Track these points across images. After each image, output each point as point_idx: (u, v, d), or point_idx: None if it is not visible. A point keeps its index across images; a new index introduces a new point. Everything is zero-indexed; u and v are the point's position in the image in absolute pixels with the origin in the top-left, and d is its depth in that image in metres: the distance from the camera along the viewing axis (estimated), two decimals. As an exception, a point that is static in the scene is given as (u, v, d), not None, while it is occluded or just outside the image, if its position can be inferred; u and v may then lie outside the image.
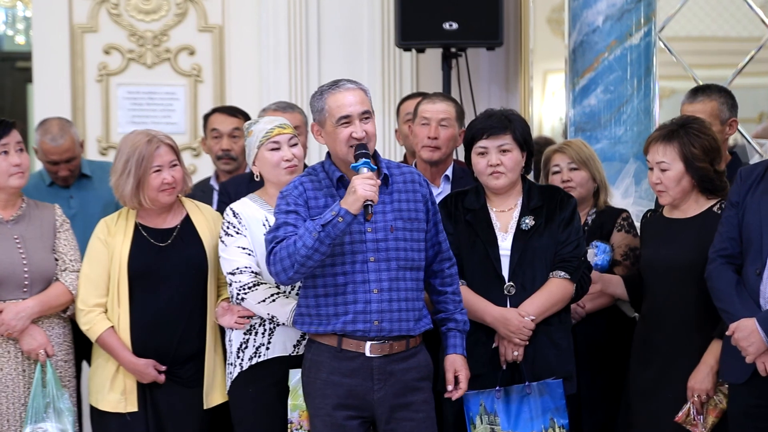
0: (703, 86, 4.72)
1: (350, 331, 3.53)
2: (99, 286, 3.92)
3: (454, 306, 3.70)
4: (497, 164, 3.85)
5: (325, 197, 3.55)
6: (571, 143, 4.41)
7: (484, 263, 3.87)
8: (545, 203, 3.90)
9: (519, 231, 3.87)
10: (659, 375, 3.87)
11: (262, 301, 3.76)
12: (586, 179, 4.30)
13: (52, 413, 3.94)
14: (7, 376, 3.97)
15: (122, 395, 3.90)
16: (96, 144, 6.28)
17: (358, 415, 3.57)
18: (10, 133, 4.01)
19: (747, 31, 6.42)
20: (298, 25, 6.25)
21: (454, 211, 3.95)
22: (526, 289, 3.84)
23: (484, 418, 3.82)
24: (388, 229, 3.54)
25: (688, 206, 3.92)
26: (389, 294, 3.53)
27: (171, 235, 3.96)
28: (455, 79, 5.90)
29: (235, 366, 3.86)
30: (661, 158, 3.87)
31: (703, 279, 3.74)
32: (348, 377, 3.55)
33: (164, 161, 3.89)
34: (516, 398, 3.81)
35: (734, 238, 3.68)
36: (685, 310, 3.84)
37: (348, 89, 3.53)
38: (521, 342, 3.80)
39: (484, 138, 3.88)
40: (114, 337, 3.89)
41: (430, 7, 5.62)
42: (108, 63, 6.30)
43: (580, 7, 5.16)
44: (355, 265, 3.52)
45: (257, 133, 3.89)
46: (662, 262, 3.88)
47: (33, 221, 4.07)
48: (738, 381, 3.65)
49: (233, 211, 3.86)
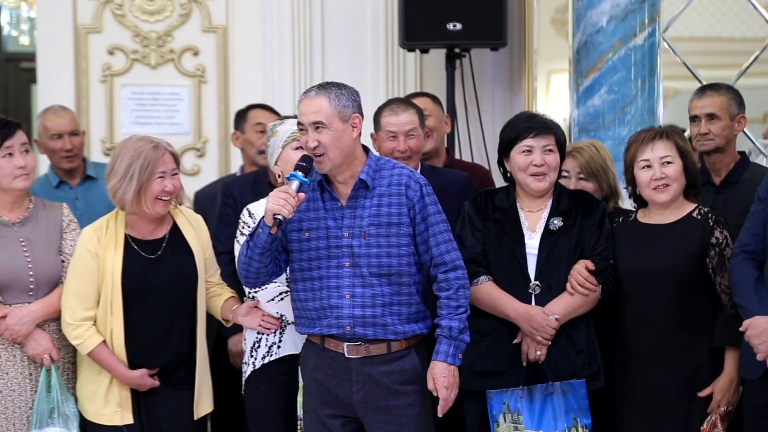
0: (711, 84, 4.73)
1: (327, 333, 3.56)
2: (87, 299, 3.87)
3: (447, 311, 3.58)
4: (542, 164, 3.86)
5: (306, 201, 3.56)
6: (583, 149, 4.32)
7: (510, 261, 3.88)
8: (574, 206, 3.91)
9: (547, 231, 3.88)
10: (644, 380, 3.86)
11: (271, 299, 3.81)
12: (594, 190, 4.23)
13: (58, 418, 3.91)
14: (13, 380, 3.95)
15: (118, 407, 3.87)
16: (100, 144, 6.28)
17: (342, 414, 3.58)
18: (15, 135, 3.97)
19: (751, 31, 6.41)
20: (301, 25, 6.25)
21: (484, 209, 3.96)
22: (552, 289, 3.84)
23: (508, 416, 3.83)
24: (362, 235, 3.53)
25: (672, 210, 3.93)
26: (362, 299, 3.52)
27: (161, 246, 3.92)
28: (459, 80, 5.90)
29: (248, 365, 3.90)
30: (665, 153, 3.89)
31: (684, 284, 3.77)
32: (329, 376, 3.58)
33: (167, 168, 3.86)
34: (539, 397, 3.82)
35: (759, 233, 3.70)
36: (667, 317, 3.83)
37: (308, 96, 3.54)
38: (544, 341, 3.80)
39: (530, 137, 3.88)
40: (107, 352, 3.85)
41: (433, 7, 5.62)
42: (112, 63, 6.30)
43: (584, 8, 5.15)
44: (330, 270, 3.54)
45: (282, 133, 3.89)
46: (643, 268, 3.87)
47: (39, 223, 4.04)
48: (752, 377, 3.67)
49: (249, 212, 3.90)
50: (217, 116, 6.31)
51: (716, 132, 4.52)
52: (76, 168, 5.18)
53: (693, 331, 3.82)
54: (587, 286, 3.81)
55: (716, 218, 3.88)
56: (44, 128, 5.12)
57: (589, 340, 3.88)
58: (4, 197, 4.00)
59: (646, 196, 3.94)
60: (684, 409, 3.83)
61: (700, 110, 4.57)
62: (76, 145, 5.14)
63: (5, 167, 3.95)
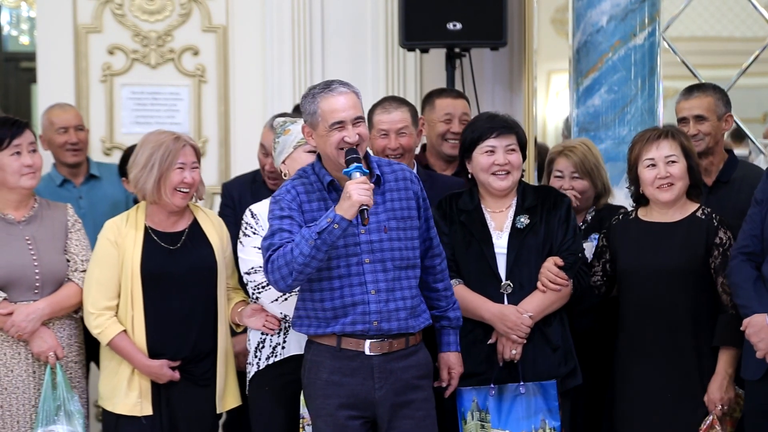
0: (696, 84, 4.75)
1: (349, 332, 3.53)
2: (109, 288, 3.92)
3: (446, 302, 3.72)
4: (505, 163, 3.86)
5: (318, 201, 3.55)
6: (576, 148, 4.37)
7: (479, 262, 3.89)
8: (540, 202, 3.93)
9: (515, 230, 3.89)
10: (644, 380, 3.87)
11: (275, 300, 3.80)
12: (587, 188, 4.29)
13: (63, 416, 3.94)
14: (17, 377, 3.97)
15: (138, 398, 3.90)
16: (100, 144, 6.28)
17: (360, 415, 3.58)
18: (24, 134, 4.01)
19: (751, 31, 6.42)
20: (301, 25, 6.25)
21: (449, 212, 3.98)
22: (523, 288, 3.86)
23: (476, 414, 3.85)
24: (381, 229, 3.55)
25: (675, 209, 3.93)
26: (387, 294, 3.53)
27: (180, 238, 3.97)
28: (459, 80, 5.90)
29: (252, 365, 3.90)
30: (669, 152, 3.91)
31: (688, 283, 3.77)
32: (349, 377, 3.55)
33: (188, 160, 3.93)
34: (509, 397, 3.84)
35: (756, 235, 3.70)
36: (673, 316, 3.84)
37: (341, 93, 3.52)
38: (519, 339, 3.82)
39: (492, 137, 3.88)
40: (127, 341, 3.89)
41: (433, 7, 5.62)
42: (112, 63, 6.30)
43: (584, 8, 5.15)
44: (350, 267, 3.52)
45: (296, 134, 3.86)
46: (647, 267, 3.87)
47: (45, 222, 4.07)
48: (753, 377, 3.67)
49: (252, 212, 3.89)
50: (217, 116, 6.30)
51: (705, 132, 4.54)
52: (81, 163, 5.19)
53: (695, 331, 3.82)
54: (558, 281, 3.83)
55: (720, 218, 3.89)
56: (50, 122, 5.15)
57: (564, 337, 3.90)
58: (9, 195, 4.02)
59: (649, 194, 3.95)
60: (684, 409, 3.83)
61: (688, 112, 4.59)
62: (82, 139, 5.18)
63: (12, 165, 3.97)
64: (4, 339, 3.97)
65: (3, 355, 3.98)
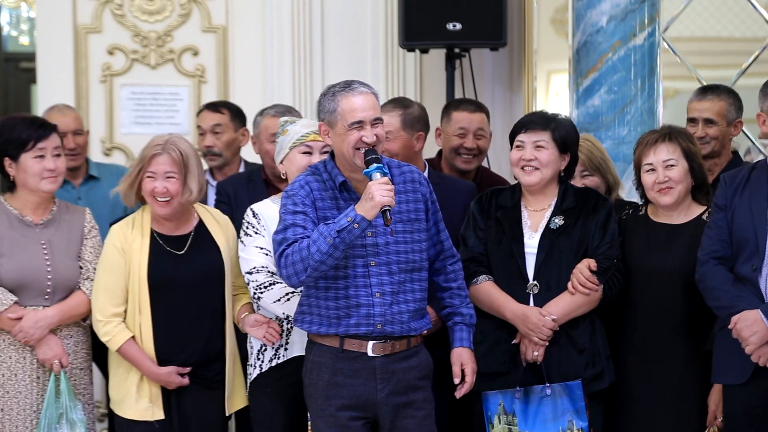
0: (712, 85, 4.74)
1: (352, 333, 3.53)
2: (116, 295, 3.90)
3: (459, 300, 3.70)
4: (531, 159, 3.85)
5: (330, 200, 3.54)
6: (581, 146, 4.33)
7: (508, 261, 3.87)
8: (579, 205, 3.89)
9: (547, 230, 3.87)
10: (647, 382, 3.86)
11: (277, 300, 3.79)
12: (599, 183, 4.23)
13: (65, 424, 3.93)
14: (20, 382, 3.96)
15: (149, 402, 3.90)
16: (100, 144, 6.28)
17: (362, 416, 3.57)
18: (50, 137, 4.00)
19: (751, 31, 6.41)
20: (301, 25, 6.25)
21: (487, 207, 3.96)
22: (551, 289, 3.82)
23: (503, 418, 3.83)
24: (388, 232, 3.53)
25: (680, 212, 3.93)
26: (391, 297, 3.53)
27: (186, 242, 3.96)
28: (459, 80, 5.90)
29: (254, 367, 3.89)
30: (668, 156, 3.89)
31: (693, 287, 3.75)
32: (351, 378, 3.55)
33: (159, 170, 3.87)
34: (535, 399, 3.81)
35: (725, 240, 3.69)
36: (674, 318, 3.83)
37: (362, 93, 3.51)
38: (540, 341, 3.79)
39: (522, 132, 3.90)
40: (135, 348, 3.88)
41: (433, 7, 5.62)
42: (112, 63, 6.30)
43: (583, 8, 5.15)
44: (356, 269, 3.52)
45: (293, 134, 3.87)
46: (653, 269, 3.86)
47: (62, 226, 4.05)
48: (737, 381, 3.65)
49: (253, 212, 3.88)
50: (216, 116, 6.30)
51: (713, 136, 4.53)
52: (78, 167, 5.18)
53: (698, 335, 3.81)
54: (588, 285, 3.79)
55: None
56: None
57: (592, 340, 3.85)
58: (29, 197, 4.02)
59: (651, 198, 3.95)
60: (687, 414, 3.83)
61: (698, 113, 4.57)
62: (80, 144, 5.15)
63: (34, 167, 3.96)
64: (11, 342, 3.97)
65: (8, 358, 3.98)
